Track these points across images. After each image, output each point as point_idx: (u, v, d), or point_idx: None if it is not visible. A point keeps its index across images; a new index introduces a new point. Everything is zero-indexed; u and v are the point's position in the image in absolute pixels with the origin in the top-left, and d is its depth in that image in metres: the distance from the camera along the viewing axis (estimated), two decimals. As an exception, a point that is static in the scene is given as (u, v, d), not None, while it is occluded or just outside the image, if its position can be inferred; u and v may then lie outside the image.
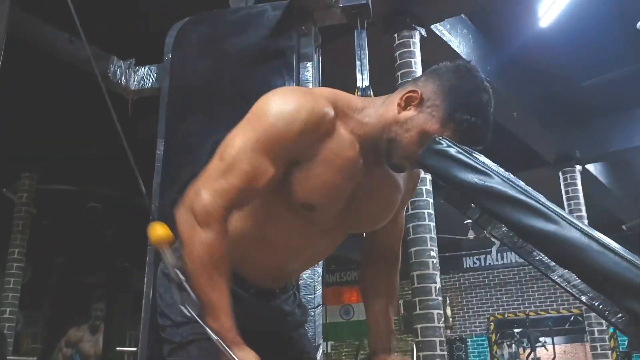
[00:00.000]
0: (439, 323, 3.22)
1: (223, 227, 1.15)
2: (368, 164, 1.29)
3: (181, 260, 1.15)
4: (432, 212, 3.42)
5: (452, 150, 1.12)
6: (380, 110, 1.28)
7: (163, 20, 2.43)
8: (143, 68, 2.62)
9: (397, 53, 3.69)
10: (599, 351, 6.19)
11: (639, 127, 6.14)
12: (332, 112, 1.22)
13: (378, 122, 1.26)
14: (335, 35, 3.50)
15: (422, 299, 3.24)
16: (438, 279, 3.28)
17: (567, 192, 6.61)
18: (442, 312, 3.23)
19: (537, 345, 9.51)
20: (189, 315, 1.19)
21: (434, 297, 3.24)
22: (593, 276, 0.92)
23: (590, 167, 6.94)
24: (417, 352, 3.23)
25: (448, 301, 10.58)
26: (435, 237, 3.39)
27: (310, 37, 2.55)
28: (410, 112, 1.24)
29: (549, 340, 9.50)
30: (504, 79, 4.67)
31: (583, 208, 6.57)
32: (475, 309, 11.05)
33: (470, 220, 8.40)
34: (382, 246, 1.52)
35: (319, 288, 2.41)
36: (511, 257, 10.90)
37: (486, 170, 1.06)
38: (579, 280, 0.97)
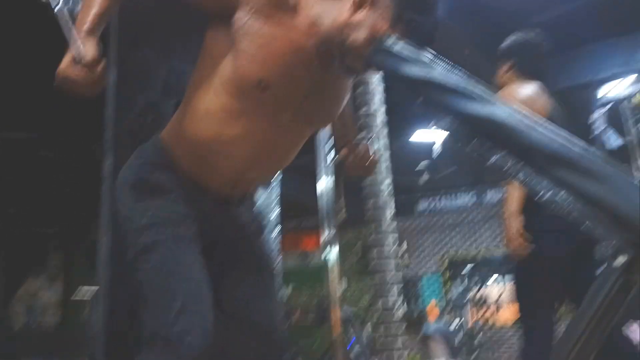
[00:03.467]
0: (392, 246, 3.37)
1: None
2: (325, 65, 1.36)
3: None
4: (387, 141, 3.53)
5: (398, 47, 1.19)
6: (334, 13, 1.33)
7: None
8: (92, -7, 2.56)
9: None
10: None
11: (583, 65, 6.28)
12: None
13: (332, 26, 1.32)
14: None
15: (377, 225, 3.37)
16: (392, 204, 3.41)
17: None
18: (397, 235, 3.37)
19: (487, 283, 9.98)
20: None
21: (387, 222, 3.37)
22: (524, 149, 1.01)
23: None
24: (374, 281, 3.38)
25: (405, 244, 10.91)
26: (390, 165, 3.50)
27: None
28: (362, 14, 1.30)
29: (499, 280, 9.97)
30: (456, 15, 4.72)
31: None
32: (429, 250, 11.43)
33: (422, 168, 8.45)
34: None
35: (277, 208, 2.50)
36: (464, 200, 11.26)
37: (429, 63, 1.14)
38: (514, 162, 1.07)
